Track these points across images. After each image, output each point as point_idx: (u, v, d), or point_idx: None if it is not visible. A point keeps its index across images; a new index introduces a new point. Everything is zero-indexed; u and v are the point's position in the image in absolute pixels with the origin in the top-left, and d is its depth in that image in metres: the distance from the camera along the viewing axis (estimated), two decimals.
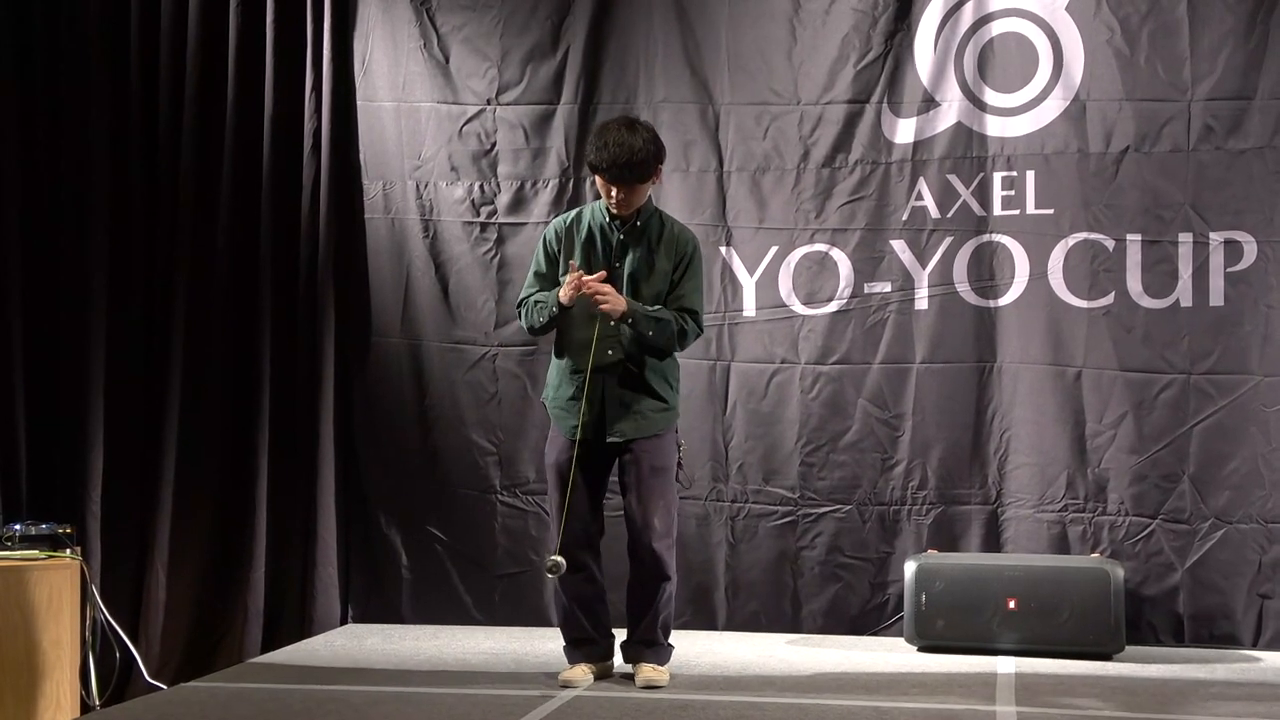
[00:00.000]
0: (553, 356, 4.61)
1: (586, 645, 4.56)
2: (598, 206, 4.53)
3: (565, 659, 4.60)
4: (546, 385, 4.63)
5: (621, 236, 4.47)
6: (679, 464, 4.55)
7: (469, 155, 5.81)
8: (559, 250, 4.52)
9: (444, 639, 5.42)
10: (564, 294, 4.40)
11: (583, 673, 4.50)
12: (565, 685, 4.44)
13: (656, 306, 4.44)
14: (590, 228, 4.50)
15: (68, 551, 5.04)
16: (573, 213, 4.60)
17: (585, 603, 4.53)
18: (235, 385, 5.76)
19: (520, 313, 4.61)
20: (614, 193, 4.39)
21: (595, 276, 4.37)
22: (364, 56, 5.86)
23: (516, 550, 5.73)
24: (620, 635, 4.62)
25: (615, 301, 4.36)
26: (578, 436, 4.42)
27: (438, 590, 5.76)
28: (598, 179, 4.44)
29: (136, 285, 5.76)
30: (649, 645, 4.52)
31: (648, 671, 4.47)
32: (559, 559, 4.36)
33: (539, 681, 4.58)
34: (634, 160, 4.33)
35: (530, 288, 4.58)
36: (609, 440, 4.46)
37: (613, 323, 4.39)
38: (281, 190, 5.78)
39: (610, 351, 4.42)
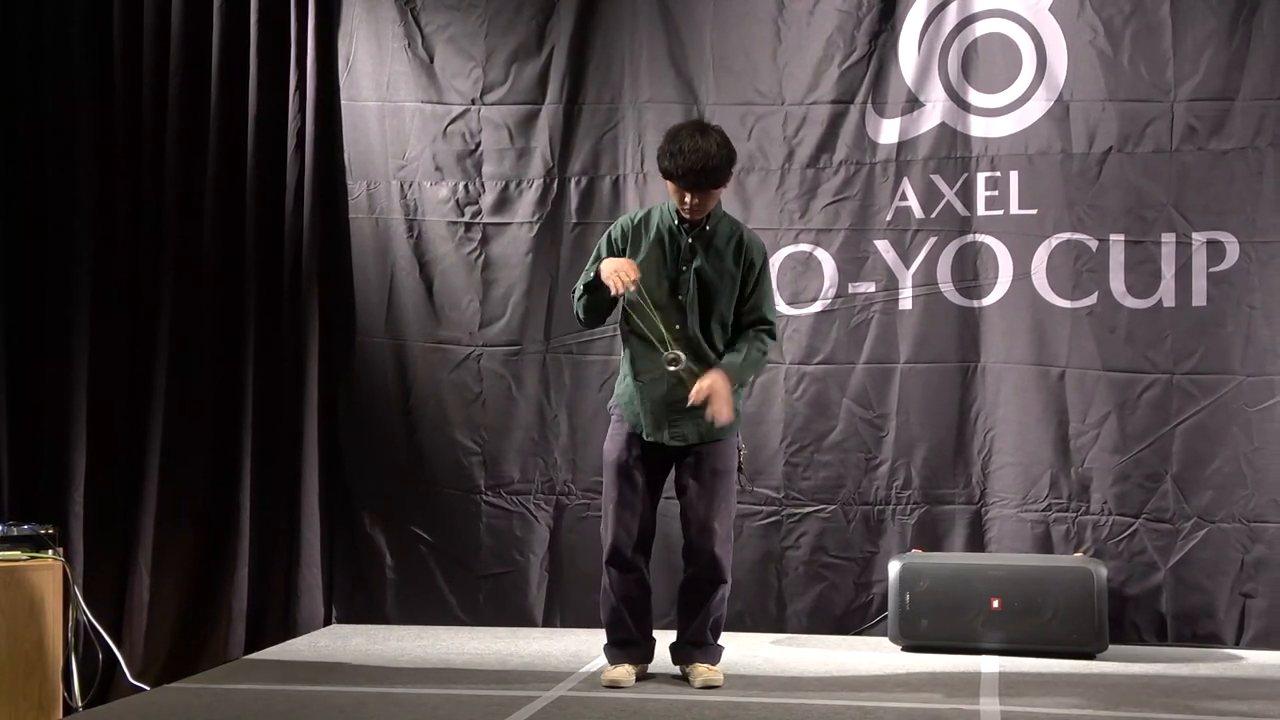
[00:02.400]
0: (623, 360, 4.52)
1: (631, 647, 4.53)
2: (665, 208, 4.48)
3: (606, 658, 4.56)
4: (619, 382, 4.54)
5: (690, 240, 4.43)
6: (740, 467, 4.53)
7: (453, 155, 5.81)
8: (624, 249, 4.44)
9: (428, 639, 5.41)
10: (605, 270, 4.29)
11: (626, 673, 4.47)
12: (611, 685, 4.41)
13: (739, 352, 4.39)
14: (659, 229, 4.44)
15: (50, 552, 5.02)
16: (640, 212, 4.55)
17: (633, 605, 4.49)
18: (219, 385, 5.75)
19: (574, 302, 4.56)
20: (689, 199, 4.35)
21: (633, 278, 4.29)
22: (348, 56, 5.85)
23: (501, 550, 5.73)
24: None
25: (727, 409, 4.30)
26: (646, 436, 4.40)
27: (422, 591, 5.75)
28: (671, 185, 4.38)
29: (120, 284, 5.74)
30: (699, 646, 4.51)
31: (704, 671, 4.46)
32: (678, 353, 4.30)
33: (523, 682, 4.57)
34: (710, 166, 4.29)
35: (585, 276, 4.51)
36: (671, 443, 4.43)
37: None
38: (265, 190, 5.76)
39: (670, 366, 4.33)
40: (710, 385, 4.31)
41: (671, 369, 4.31)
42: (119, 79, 5.72)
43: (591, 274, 4.42)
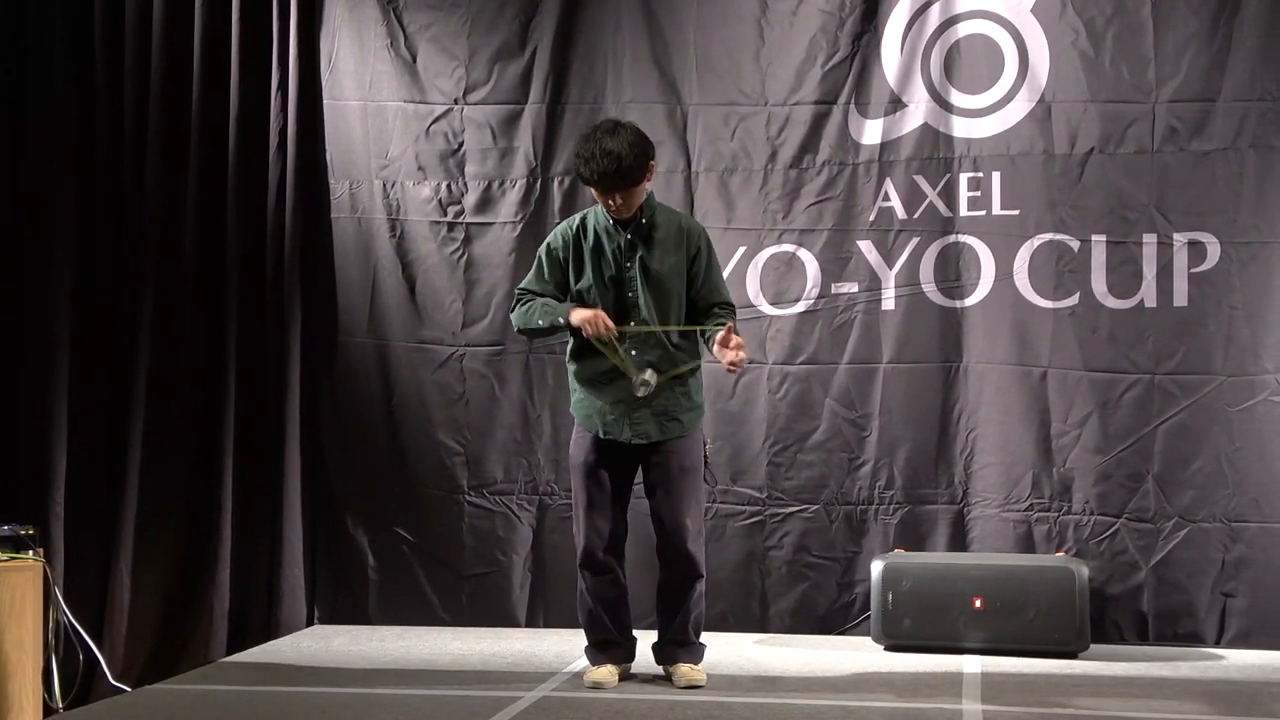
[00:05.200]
0: (571, 375, 4.53)
1: (612, 648, 4.55)
2: (599, 211, 4.48)
3: (588, 660, 4.58)
4: (572, 393, 4.56)
5: (629, 237, 4.44)
6: (706, 462, 4.54)
7: (436, 155, 5.80)
8: (566, 259, 4.45)
9: (411, 640, 5.40)
10: (580, 318, 4.32)
11: (609, 673, 4.48)
12: (594, 686, 4.43)
13: (722, 318, 4.40)
14: (596, 233, 4.45)
15: (30, 553, 5.00)
16: (575, 219, 4.54)
17: (610, 605, 4.51)
18: (201, 385, 5.73)
19: (514, 306, 4.53)
20: (611, 201, 4.36)
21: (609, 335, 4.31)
22: (330, 55, 5.83)
23: (484, 551, 5.73)
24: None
25: (741, 352, 4.29)
26: (602, 435, 4.42)
27: (404, 591, 5.74)
28: (593, 190, 4.41)
29: (102, 284, 5.72)
30: (681, 645, 4.52)
31: (686, 671, 4.47)
32: (647, 378, 4.29)
33: (506, 682, 4.57)
34: (623, 167, 4.29)
35: (530, 285, 4.50)
36: (634, 442, 4.43)
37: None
38: (247, 189, 5.75)
39: (641, 391, 4.33)
40: (733, 350, 4.28)
41: (642, 393, 4.32)
42: (100, 79, 5.70)
43: (560, 318, 4.37)
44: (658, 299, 4.41)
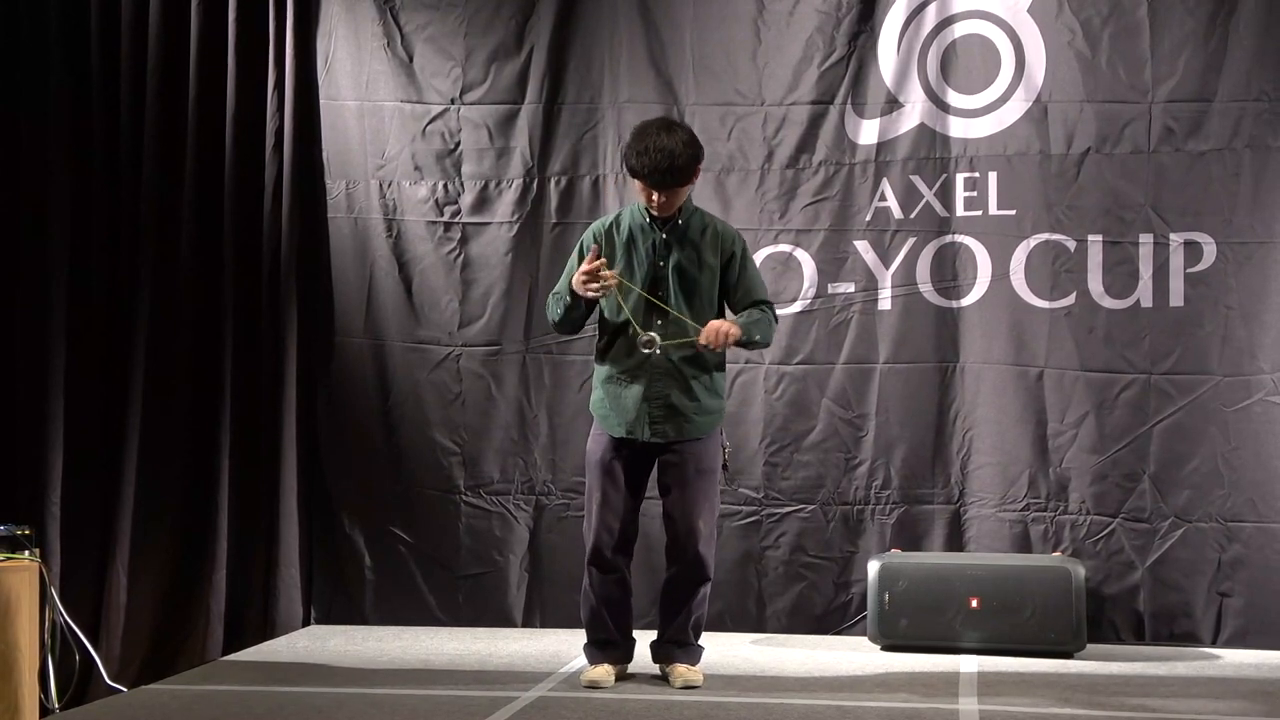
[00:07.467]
0: (595, 375, 4.56)
1: (610, 647, 4.55)
2: (636, 208, 4.51)
3: (585, 658, 4.59)
4: (593, 391, 4.57)
5: (664, 236, 4.46)
6: (724, 464, 4.55)
7: (433, 155, 5.80)
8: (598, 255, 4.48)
9: (407, 640, 5.40)
10: (576, 280, 4.36)
11: (605, 673, 4.49)
12: (591, 685, 4.44)
13: (747, 311, 4.45)
14: (631, 229, 4.48)
15: (27, 553, 4.99)
16: (610, 216, 4.59)
17: (613, 605, 4.52)
18: (197, 385, 5.73)
19: (547, 310, 4.62)
20: (655, 197, 4.39)
21: (595, 265, 4.33)
22: (327, 55, 5.83)
23: (480, 551, 5.73)
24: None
25: (731, 332, 4.33)
26: (621, 434, 4.43)
27: (401, 591, 5.74)
28: (637, 183, 4.43)
29: (98, 284, 5.71)
30: (680, 645, 4.53)
31: (684, 672, 4.48)
32: (654, 335, 4.33)
33: (503, 682, 4.57)
34: (675, 165, 4.33)
35: (560, 285, 4.54)
36: (652, 440, 4.44)
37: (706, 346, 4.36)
38: (244, 189, 5.75)
39: (645, 348, 4.36)
40: (713, 323, 4.35)
41: (646, 350, 4.34)
42: (96, 78, 5.69)
43: (568, 296, 4.43)
44: (689, 298, 4.43)
